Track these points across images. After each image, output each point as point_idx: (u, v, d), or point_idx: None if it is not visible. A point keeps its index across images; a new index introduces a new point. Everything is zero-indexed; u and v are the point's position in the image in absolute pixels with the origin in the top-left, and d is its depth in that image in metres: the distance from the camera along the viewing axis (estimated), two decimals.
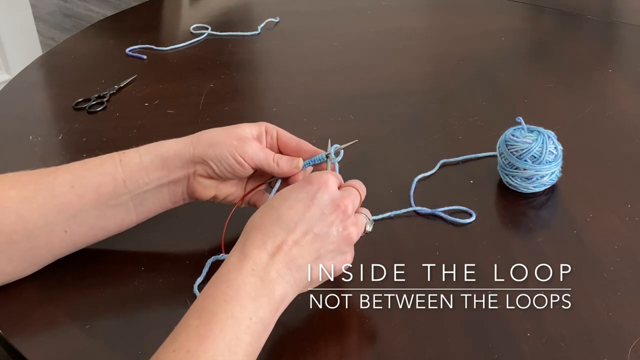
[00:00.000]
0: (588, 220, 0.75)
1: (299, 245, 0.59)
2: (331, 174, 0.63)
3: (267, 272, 0.57)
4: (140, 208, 0.69)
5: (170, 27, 1.29)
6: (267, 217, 0.60)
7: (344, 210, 0.61)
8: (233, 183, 0.72)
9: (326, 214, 0.61)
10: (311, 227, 0.60)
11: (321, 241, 0.60)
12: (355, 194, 0.64)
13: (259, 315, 0.56)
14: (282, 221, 0.60)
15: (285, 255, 0.58)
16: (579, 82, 1.03)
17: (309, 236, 0.60)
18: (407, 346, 0.62)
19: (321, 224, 0.60)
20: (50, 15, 3.35)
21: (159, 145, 0.69)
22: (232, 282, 0.56)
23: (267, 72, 1.13)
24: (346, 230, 0.61)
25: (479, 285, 0.67)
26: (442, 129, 0.92)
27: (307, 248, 0.59)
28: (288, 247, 0.59)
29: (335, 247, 0.61)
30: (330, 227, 0.61)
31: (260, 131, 0.72)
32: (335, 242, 0.61)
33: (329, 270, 0.61)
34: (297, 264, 0.59)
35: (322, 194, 0.61)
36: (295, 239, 0.59)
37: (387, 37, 1.18)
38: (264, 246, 0.58)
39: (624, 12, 1.27)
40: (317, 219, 0.60)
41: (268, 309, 0.57)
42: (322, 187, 0.61)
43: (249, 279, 0.57)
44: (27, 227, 0.65)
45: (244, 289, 0.56)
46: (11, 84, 1.06)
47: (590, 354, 0.60)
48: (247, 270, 0.57)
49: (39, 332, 0.64)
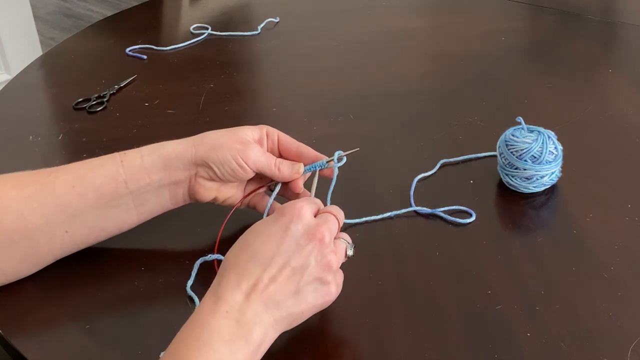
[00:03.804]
0: (588, 220, 0.75)
1: (276, 282, 0.56)
2: (305, 202, 0.61)
3: (243, 313, 0.55)
4: (141, 209, 0.69)
5: (170, 27, 1.29)
6: (241, 255, 0.58)
7: (321, 239, 0.58)
8: (234, 185, 0.72)
9: (302, 245, 0.58)
10: (287, 260, 0.57)
11: (299, 274, 0.57)
12: (332, 220, 0.61)
13: (236, 358, 0.53)
14: (256, 258, 0.57)
15: (261, 294, 0.56)
16: (579, 82, 1.03)
17: (286, 270, 0.57)
18: (407, 346, 0.62)
19: (298, 256, 0.57)
20: (50, 15, 3.35)
21: (161, 146, 0.69)
22: (205, 325, 0.54)
23: (267, 72, 1.13)
24: (325, 259, 0.58)
25: (479, 285, 0.67)
26: (442, 129, 0.92)
27: (284, 283, 0.57)
28: (264, 285, 0.56)
29: (314, 278, 0.58)
30: (307, 258, 0.58)
31: (261, 134, 0.72)
32: (315, 272, 0.58)
33: (312, 304, 0.58)
34: (276, 302, 0.56)
35: (295, 225, 0.58)
36: (271, 275, 0.56)
37: (387, 37, 1.18)
38: (238, 286, 0.56)
39: (624, 12, 1.27)
40: (293, 251, 0.57)
41: (246, 351, 0.54)
42: (295, 218, 0.59)
43: (223, 322, 0.54)
44: (28, 227, 0.65)
45: (217, 332, 0.54)
46: (11, 84, 1.07)
47: (590, 354, 0.60)
48: (221, 312, 0.54)
49: (39, 332, 0.64)
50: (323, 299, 0.59)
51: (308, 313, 0.59)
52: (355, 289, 0.68)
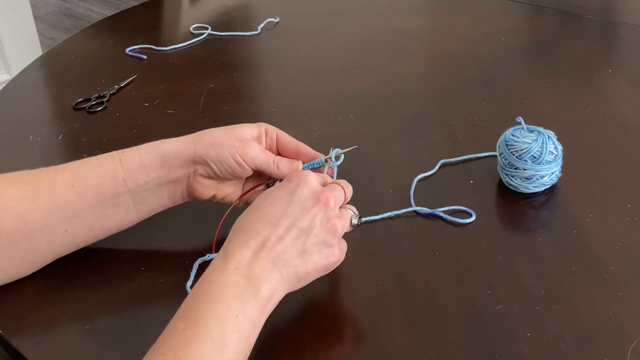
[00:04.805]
0: (588, 220, 0.75)
1: (283, 241, 0.59)
2: (311, 172, 0.64)
3: (252, 270, 0.57)
4: (140, 207, 0.69)
5: (170, 27, 1.29)
6: (249, 217, 0.61)
7: (326, 203, 0.61)
8: (232, 183, 0.72)
9: (308, 208, 0.61)
10: (294, 221, 0.60)
11: (305, 235, 0.60)
12: (338, 190, 0.64)
13: (246, 312, 0.56)
14: (264, 219, 0.60)
15: (269, 252, 0.58)
16: (579, 82, 1.03)
17: (292, 231, 0.60)
18: (407, 346, 0.62)
19: (304, 218, 0.60)
20: (50, 15, 3.35)
21: (159, 144, 0.69)
22: (216, 282, 0.56)
23: (267, 72, 1.13)
24: (329, 222, 0.61)
25: (478, 285, 0.67)
26: (442, 129, 0.92)
27: (291, 243, 0.59)
28: (272, 244, 0.59)
29: (320, 239, 0.61)
30: (313, 220, 0.60)
31: (260, 132, 0.72)
32: (320, 234, 0.61)
33: (317, 264, 0.61)
34: (283, 260, 0.59)
35: (301, 189, 0.61)
36: (278, 235, 0.59)
37: (387, 37, 1.18)
38: (246, 245, 0.58)
39: (624, 12, 1.27)
40: (300, 213, 0.60)
41: (255, 306, 0.56)
42: (302, 183, 0.62)
43: (232, 278, 0.56)
44: (28, 227, 0.65)
45: (227, 288, 0.56)
46: (11, 84, 1.07)
47: (590, 354, 0.60)
48: (230, 269, 0.57)
49: (39, 332, 0.64)
50: (327, 260, 0.61)
51: (314, 273, 0.61)
52: (355, 289, 0.68)
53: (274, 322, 0.60)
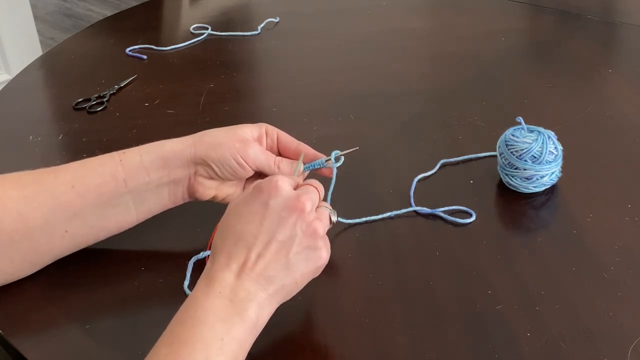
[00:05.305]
0: (588, 220, 0.75)
1: (264, 258, 0.57)
2: (281, 176, 0.61)
3: (236, 293, 0.56)
4: (141, 208, 0.69)
5: (170, 27, 1.29)
6: (227, 239, 0.59)
7: (302, 209, 0.59)
8: (233, 184, 0.72)
9: (285, 217, 0.59)
10: (272, 235, 0.58)
11: (287, 246, 0.58)
12: (312, 191, 0.62)
13: (232, 334, 0.54)
14: (241, 239, 0.58)
15: (251, 272, 0.57)
16: (579, 82, 1.03)
17: (272, 245, 0.58)
18: (407, 346, 0.62)
19: (283, 229, 0.58)
20: (50, 15, 3.35)
21: (160, 144, 0.69)
22: (199, 305, 0.55)
23: (267, 72, 1.13)
24: (310, 227, 0.59)
25: (479, 285, 0.67)
26: (442, 129, 0.92)
27: (273, 258, 0.58)
28: (252, 263, 0.57)
29: (304, 246, 0.59)
30: (293, 229, 0.58)
31: (260, 132, 0.72)
32: (303, 241, 0.59)
33: (304, 271, 0.59)
34: (267, 277, 0.57)
35: (275, 199, 0.59)
36: (258, 253, 0.57)
37: (387, 37, 1.18)
38: (228, 267, 0.57)
39: (624, 12, 1.27)
40: (277, 225, 0.58)
41: (242, 328, 0.55)
42: (274, 192, 0.59)
43: (216, 302, 0.55)
44: (28, 227, 0.65)
45: (212, 312, 0.55)
46: (11, 84, 1.07)
47: (590, 354, 0.60)
48: (214, 293, 0.56)
49: (39, 332, 0.64)
50: (315, 265, 0.60)
51: (302, 282, 0.60)
52: (355, 289, 0.68)
53: (274, 322, 0.60)
